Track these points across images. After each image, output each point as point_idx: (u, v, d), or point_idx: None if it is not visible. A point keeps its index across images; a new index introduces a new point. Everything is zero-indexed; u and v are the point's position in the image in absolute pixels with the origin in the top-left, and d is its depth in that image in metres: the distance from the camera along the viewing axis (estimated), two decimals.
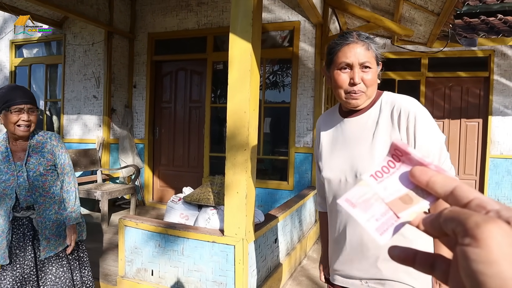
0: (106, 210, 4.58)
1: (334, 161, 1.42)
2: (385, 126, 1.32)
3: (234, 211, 2.48)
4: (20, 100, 2.05)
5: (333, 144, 1.45)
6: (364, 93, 1.32)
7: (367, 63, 1.30)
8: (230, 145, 2.46)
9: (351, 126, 1.40)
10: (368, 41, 1.32)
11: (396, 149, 0.45)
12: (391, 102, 1.35)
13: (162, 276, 2.78)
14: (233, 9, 2.44)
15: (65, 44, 5.89)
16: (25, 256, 2.12)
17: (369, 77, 1.31)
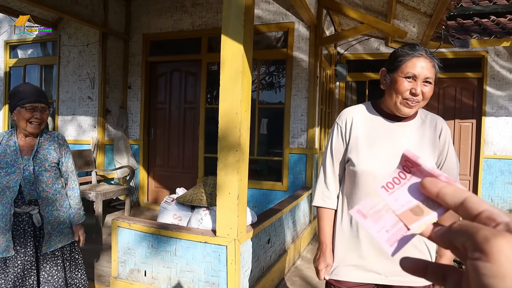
0: (100, 211, 4.58)
1: (375, 156, 1.48)
2: (431, 138, 1.48)
3: (226, 211, 2.49)
4: (35, 99, 2.16)
5: (373, 139, 1.51)
6: (418, 103, 1.43)
7: (430, 79, 1.41)
8: (221, 145, 2.48)
9: (399, 132, 1.51)
10: (434, 59, 1.43)
11: (407, 160, 0.46)
12: (431, 118, 1.54)
13: (155, 277, 2.79)
14: (225, 10, 2.46)
15: (60, 45, 5.89)
16: (26, 252, 2.15)
17: (428, 91, 1.41)
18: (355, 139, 1.54)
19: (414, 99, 1.41)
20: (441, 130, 1.50)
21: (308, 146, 4.85)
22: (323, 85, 5.61)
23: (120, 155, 5.66)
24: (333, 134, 1.63)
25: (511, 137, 5.97)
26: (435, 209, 0.43)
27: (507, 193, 5.97)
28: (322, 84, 5.43)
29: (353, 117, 1.58)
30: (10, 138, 2.22)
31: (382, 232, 0.45)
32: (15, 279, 2.11)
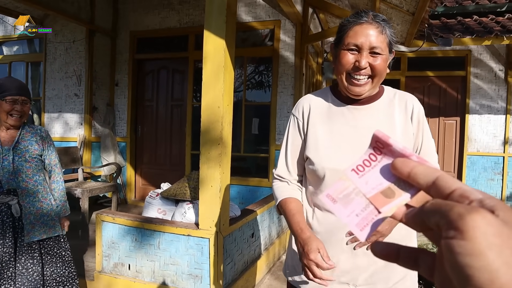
0: (86, 208, 4.57)
1: (337, 152, 1.26)
2: (402, 121, 1.26)
3: (208, 204, 2.52)
4: (15, 92, 2.19)
5: (334, 133, 1.30)
6: (370, 80, 1.21)
7: (378, 48, 1.18)
8: (204, 139, 2.51)
9: (361, 117, 1.28)
10: (383, 24, 1.20)
11: (378, 141, 0.44)
12: (400, 96, 1.31)
13: (139, 270, 2.81)
14: (207, 6, 2.49)
15: (46, 42, 5.86)
16: (4, 244, 2.16)
17: (378, 64, 1.19)
18: (313, 133, 1.32)
19: (360, 74, 1.20)
20: (412, 109, 1.27)
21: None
22: (309, 82, 5.66)
23: (107, 152, 5.65)
24: (289, 127, 1.42)
25: (493, 134, 6.09)
26: (407, 190, 0.41)
27: (490, 189, 6.09)
28: (308, 81, 5.48)
29: (310, 105, 1.36)
30: None
31: (352, 217, 0.43)
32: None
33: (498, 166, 6.08)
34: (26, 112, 2.26)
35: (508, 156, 6.00)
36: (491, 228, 0.27)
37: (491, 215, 0.28)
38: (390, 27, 1.23)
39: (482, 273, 0.26)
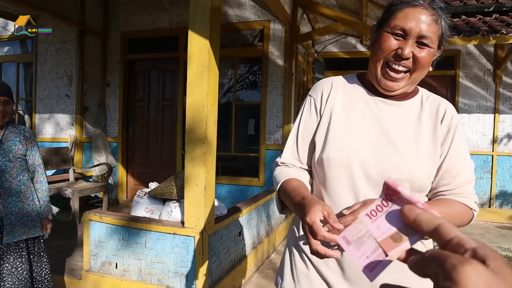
0: (77, 208, 4.59)
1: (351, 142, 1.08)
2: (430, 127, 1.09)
3: (193, 203, 2.55)
4: None
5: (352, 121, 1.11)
6: (408, 75, 1.03)
7: (427, 39, 0.99)
8: (189, 138, 2.54)
9: (388, 111, 1.11)
10: (441, 13, 1.01)
11: (388, 188, 0.50)
12: (433, 100, 1.13)
13: (126, 269, 2.83)
14: (191, 6, 2.52)
15: (37, 43, 5.86)
16: None
17: (422, 56, 1.00)
18: (327, 116, 1.15)
19: (400, 64, 1.01)
20: (444, 115, 1.09)
21: (284, 142, 4.93)
22: (300, 82, 5.70)
23: (99, 152, 5.66)
24: (303, 109, 1.21)
25: (482, 133, 6.15)
26: (413, 235, 0.46)
27: (479, 188, 6.15)
28: (298, 81, 5.52)
29: (332, 87, 1.18)
30: None
31: (363, 258, 0.49)
32: None
33: (487, 165, 6.13)
34: (8, 112, 2.28)
35: (497, 154, 6.06)
36: (481, 279, 0.30)
37: (482, 266, 0.31)
38: (447, 18, 1.04)
39: None
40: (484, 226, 5.79)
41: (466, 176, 1.08)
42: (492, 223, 5.97)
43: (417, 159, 1.03)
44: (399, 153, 1.04)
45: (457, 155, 1.07)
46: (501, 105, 6.02)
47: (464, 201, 1.07)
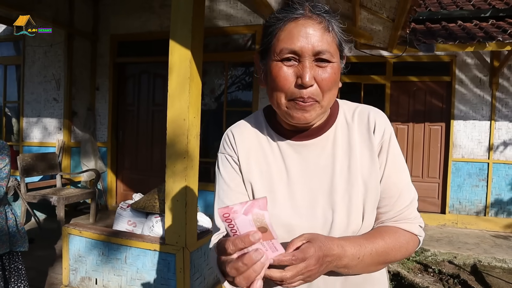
0: (62, 216, 4.48)
1: (286, 210, 0.92)
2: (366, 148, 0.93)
3: (174, 219, 2.45)
4: None
5: (276, 183, 0.95)
6: (318, 102, 0.85)
7: (326, 53, 0.82)
8: (169, 153, 2.44)
9: (312, 157, 0.94)
10: (328, 17, 0.85)
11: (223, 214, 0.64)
12: (360, 110, 0.96)
13: (106, 285, 2.73)
14: (172, 14, 2.43)
15: (25, 45, 5.74)
16: None
17: (327, 76, 0.84)
18: (248, 181, 0.97)
19: (305, 94, 0.82)
20: (374, 127, 0.93)
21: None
22: None
23: (88, 158, 5.55)
24: (219, 172, 1.01)
25: (478, 140, 6.07)
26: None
27: (475, 196, 6.07)
28: None
29: (242, 142, 1.00)
30: None
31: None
32: None
33: (483, 172, 6.05)
34: None
35: (493, 162, 5.98)
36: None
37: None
38: (337, 21, 0.88)
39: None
40: (479, 235, 5.71)
41: (407, 198, 0.94)
42: (487, 232, 5.89)
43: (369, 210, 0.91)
44: (347, 210, 0.89)
45: (394, 175, 0.93)
46: (497, 112, 5.94)
47: (408, 228, 0.93)
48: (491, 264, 4.73)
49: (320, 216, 0.90)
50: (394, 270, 4.66)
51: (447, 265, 4.85)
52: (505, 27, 5.15)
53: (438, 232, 5.84)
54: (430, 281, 4.39)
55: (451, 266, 4.81)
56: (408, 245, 0.92)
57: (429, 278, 4.59)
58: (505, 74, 5.85)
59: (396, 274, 4.62)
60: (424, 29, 5.92)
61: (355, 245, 0.83)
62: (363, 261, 0.84)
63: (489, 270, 4.55)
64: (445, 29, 5.64)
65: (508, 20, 5.81)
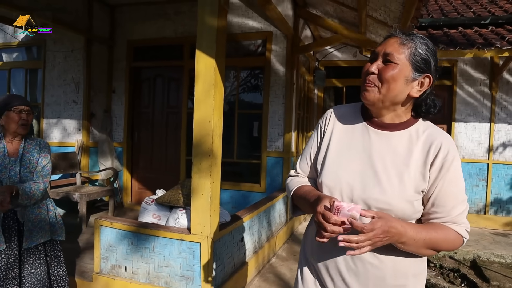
0: (84, 212, 4.75)
1: (342, 170, 1.26)
2: (419, 162, 1.19)
3: (199, 211, 2.72)
4: (20, 102, 2.43)
5: (346, 147, 1.30)
6: (376, 87, 1.19)
7: (391, 56, 1.16)
8: (196, 152, 2.70)
9: (379, 141, 1.26)
10: (409, 38, 1.18)
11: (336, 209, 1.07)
12: (429, 134, 1.22)
13: (135, 272, 3.00)
14: (198, 26, 2.69)
15: (45, 50, 6.03)
16: (10, 246, 2.35)
17: (387, 72, 1.17)
18: (326, 146, 1.34)
19: (367, 79, 1.21)
20: (436, 154, 1.18)
21: (284, 149, 5.10)
22: (301, 91, 5.87)
23: (105, 157, 5.83)
24: (313, 133, 1.44)
25: (478, 142, 6.32)
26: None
27: (475, 195, 6.31)
28: (300, 90, 5.69)
29: (336, 117, 1.37)
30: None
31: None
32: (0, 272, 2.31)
33: (483, 173, 6.30)
34: (30, 121, 2.49)
35: (492, 163, 6.22)
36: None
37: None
38: (419, 44, 1.18)
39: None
40: (479, 233, 5.95)
41: (460, 209, 1.21)
42: (487, 230, 6.13)
43: (396, 192, 1.18)
44: (380, 185, 1.19)
45: (451, 191, 1.19)
46: (497, 115, 6.18)
47: (457, 229, 1.21)
48: (490, 259, 4.97)
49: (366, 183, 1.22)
50: None
51: (447, 260, 5.09)
52: (504, 34, 5.40)
53: None
54: (431, 275, 4.63)
55: (451, 261, 5.05)
56: (455, 242, 1.22)
57: (430, 271, 4.83)
58: (505, 78, 6.10)
59: None
60: (426, 35, 6.17)
61: (414, 230, 1.15)
62: (417, 243, 1.15)
63: (487, 265, 4.78)
64: (446, 35, 5.89)
65: (507, 27, 6.06)
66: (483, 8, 6.72)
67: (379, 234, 1.07)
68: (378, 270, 1.22)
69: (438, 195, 1.19)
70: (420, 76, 1.19)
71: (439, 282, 4.38)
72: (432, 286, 4.37)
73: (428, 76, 1.20)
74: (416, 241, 1.15)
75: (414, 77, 1.19)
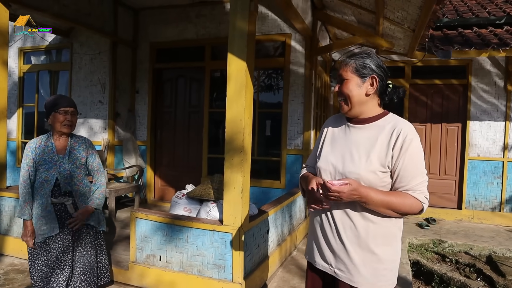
0: (113, 207, 5.00)
1: (330, 156, 1.70)
2: (383, 145, 1.56)
3: (231, 203, 2.92)
4: (66, 104, 2.63)
5: (334, 142, 1.74)
6: (344, 101, 1.66)
7: (342, 76, 1.65)
8: (228, 148, 2.90)
9: (355, 133, 1.66)
10: (350, 58, 1.65)
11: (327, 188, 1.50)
12: (394, 123, 1.59)
13: (169, 261, 3.21)
14: (230, 31, 2.88)
15: (72, 52, 6.30)
16: (63, 232, 2.61)
17: (344, 87, 1.64)
18: (325, 139, 1.80)
19: (338, 98, 1.70)
20: (397, 138, 1.54)
21: (303, 147, 5.27)
22: (319, 91, 6.04)
23: (129, 155, 6.07)
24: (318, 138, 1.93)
25: (493, 140, 6.41)
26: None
27: (490, 192, 6.41)
28: (317, 90, 5.86)
29: (329, 121, 1.86)
30: (47, 140, 2.68)
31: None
32: (57, 253, 2.56)
33: (498, 171, 6.39)
34: (74, 122, 2.70)
35: (508, 161, 6.31)
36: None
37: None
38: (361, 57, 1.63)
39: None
40: (494, 230, 6.06)
41: (418, 180, 1.55)
42: (502, 227, 6.23)
43: (363, 165, 1.56)
44: (353, 162, 1.60)
45: (411, 165, 1.54)
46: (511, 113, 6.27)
47: (416, 195, 1.54)
48: (506, 255, 5.09)
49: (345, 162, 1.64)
50: (414, 258, 5.05)
51: (463, 256, 5.22)
52: None
53: (455, 226, 6.20)
54: (447, 269, 4.77)
55: (467, 257, 5.18)
56: (412, 205, 1.54)
57: (446, 266, 4.96)
58: None
59: (416, 262, 5.01)
60: (441, 35, 6.29)
61: (374, 192, 1.52)
62: (377, 204, 1.52)
63: (503, 260, 4.90)
64: (461, 35, 6.00)
65: None
66: (498, 8, 6.80)
67: (350, 190, 1.47)
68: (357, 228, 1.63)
69: (402, 169, 1.54)
70: (366, 79, 1.62)
71: (455, 276, 4.52)
72: (449, 279, 4.51)
73: (373, 77, 1.61)
74: (376, 202, 1.51)
75: (363, 81, 1.62)
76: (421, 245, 5.51)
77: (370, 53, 1.66)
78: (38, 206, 2.58)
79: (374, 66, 1.61)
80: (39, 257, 2.58)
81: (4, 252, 4.05)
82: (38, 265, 2.57)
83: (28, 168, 2.60)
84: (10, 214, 4.03)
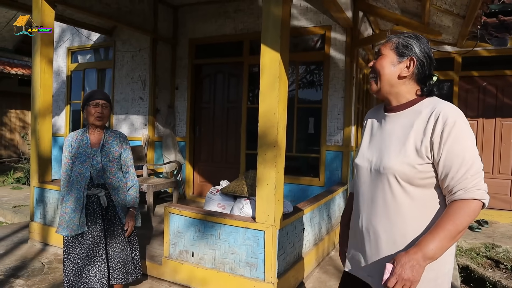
0: (151, 202, 5.05)
1: (367, 151, 1.57)
2: (419, 131, 1.37)
3: (264, 200, 2.81)
4: (97, 97, 2.65)
5: (372, 135, 1.60)
6: (374, 79, 1.51)
7: (380, 51, 1.51)
8: (261, 143, 2.80)
9: (390, 122, 1.51)
10: (395, 36, 1.49)
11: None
12: (432, 106, 1.39)
13: (201, 257, 3.16)
14: (264, 22, 2.77)
15: (115, 50, 6.45)
16: (96, 228, 2.60)
17: (377, 62, 1.49)
18: (364, 134, 1.67)
19: (369, 75, 1.55)
20: (435, 121, 1.34)
21: (344, 143, 5.07)
22: (360, 85, 5.79)
23: (168, 151, 6.13)
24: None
25: None
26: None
27: None
28: (359, 84, 5.62)
29: (369, 114, 1.71)
30: (83, 134, 2.73)
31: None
32: (88, 249, 2.57)
33: None
34: (106, 114, 2.70)
35: None
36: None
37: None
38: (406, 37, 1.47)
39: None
40: None
41: (468, 169, 1.29)
42: None
43: (398, 158, 1.39)
44: (387, 155, 1.44)
45: (456, 152, 1.30)
46: None
47: (468, 197, 1.28)
48: None
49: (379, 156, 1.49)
50: (463, 263, 4.72)
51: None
52: None
53: (510, 229, 5.75)
54: (502, 276, 4.41)
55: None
56: (469, 213, 1.28)
57: (500, 273, 4.59)
58: None
59: (465, 267, 4.68)
60: (496, 22, 5.82)
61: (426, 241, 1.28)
62: (438, 247, 1.26)
63: None
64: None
65: None
66: None
67: (404, 275, 1.25)
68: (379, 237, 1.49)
69: (446, 158, 1.31)
70: (404, 59, 1.45)
71: (510, 284, 4.17)
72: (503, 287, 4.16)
73: (412, 59, 1.43)
74: (434, 248, 1.26)
75: (399, 60, 1.45)
76: (471, 249, 5.14)
77: (420, 37, 1.47)
78: (73, 199, 2.61)
79: (417, 49, 1.44)
80: (75, 250, 2.61)
81: (49, 242, 4.20)
82: (74, 259, 2.60)
83: (67, 161, 2.67)
84: (54, 206, 4.17)
